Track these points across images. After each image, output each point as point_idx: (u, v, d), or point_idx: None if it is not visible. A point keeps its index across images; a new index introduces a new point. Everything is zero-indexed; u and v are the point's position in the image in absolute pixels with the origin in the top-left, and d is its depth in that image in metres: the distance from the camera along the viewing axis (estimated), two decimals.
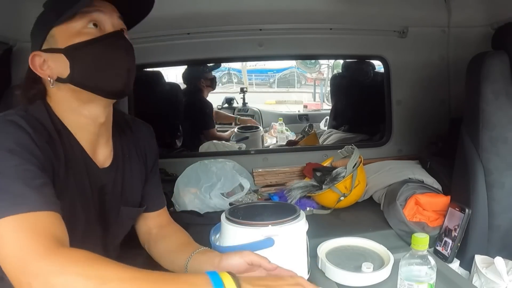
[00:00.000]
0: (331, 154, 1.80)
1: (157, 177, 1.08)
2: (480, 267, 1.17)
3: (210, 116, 3.09)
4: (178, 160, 1.90)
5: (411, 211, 1.39)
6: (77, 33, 0.79)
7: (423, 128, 1.88)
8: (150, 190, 1.04)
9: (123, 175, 0.95)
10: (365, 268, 1.03)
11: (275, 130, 3.58)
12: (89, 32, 0.80)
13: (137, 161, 1.00)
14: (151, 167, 1.04)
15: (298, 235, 0.95)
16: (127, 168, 0.96)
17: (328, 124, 3.02)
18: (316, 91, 6.51)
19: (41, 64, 0.82)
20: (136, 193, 1.00)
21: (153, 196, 1.06)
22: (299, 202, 1.57)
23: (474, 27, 1.71)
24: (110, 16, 0.83)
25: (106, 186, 0.91)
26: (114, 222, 0.95)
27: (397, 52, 1.82)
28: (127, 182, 0.96)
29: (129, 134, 1.00)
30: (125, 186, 0.95)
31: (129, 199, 0.97)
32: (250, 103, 4.15)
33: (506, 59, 1.24)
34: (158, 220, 1.07)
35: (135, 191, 0.99)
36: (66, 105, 0.83)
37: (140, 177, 1.01)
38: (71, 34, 0.79)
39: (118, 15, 0.85)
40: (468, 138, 1.29)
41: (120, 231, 1.00)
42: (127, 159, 0.97)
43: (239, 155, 2.06)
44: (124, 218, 0.97)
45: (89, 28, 0.80)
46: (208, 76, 3.04)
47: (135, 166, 0.99)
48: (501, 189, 1.23)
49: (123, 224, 0.99)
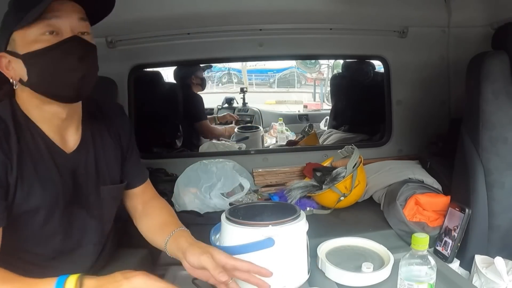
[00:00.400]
0: (331, 154, 1.80)
1: (135, 153, 1.11)
2: (480, 267, 1.17)
3: (200, 109, 3.08)
4: (178, 160, 1.90)
5: (411, 211, 1.39)
6: (34, 41, 0.81)
7: (423, 128, 1.88)
8: (130, 167, 1.08)
9: (96, 156, 0.99)
10: (365, 268, 1.03)
11: (275, 130, 3.58)
12: (45, 40, 0.81)
13: (110, 141, 1.03)
14: (127, 143, 1.08)
15: (298, 235, 0.95)
16: (99, 149, 1.00)
17: (328, 124, 3.02)
18: (316, 91, 6.51)
19: (6, 64, 0.86)
20: (113, 172, 1.03)
21: (134, 172, 1.10)
22: (299, 202, 1.57)
23: (474, 27, 1.71)
24: (68, 19, 0.83)
25: (77, 169, 0.95)
26: (96, 203, 0.98)
27: (397, 52, 1.82)
28: (101, 163, 1.00)
29: (100, 117, 1.03)
30: (99, 166, 0.99)
31: (107, 178, 1.01)
32: (250, 103, 4.14)
33: (506, 59, 1.24)
34: (142, 197, 1.12)
35: (112, 169, 1.03)
36: (29, 103, 0.88)
37: (115, 155, 1.04)
38: (28, 41, 0.81)
39: (79, 16, 0.85)
40: (468, 138, 1.29)
41: (105, 212, 1.02)
42: (98, 141, 1.00)
43: (239, 155, 2.06)
44: (106, 197, 1.00)
45: (46, 35, 0.81)
46: (199, 74, 3.07)
47: (109, 146, 1.02)
48: (501, 189, 1.23)
49: (107, 204, 1.02)
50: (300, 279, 0.96)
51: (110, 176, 1.02)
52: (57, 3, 0.81)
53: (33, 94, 0.86)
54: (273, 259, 0.91)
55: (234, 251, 0.92)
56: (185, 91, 2.92)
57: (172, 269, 1.14)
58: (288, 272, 0.94)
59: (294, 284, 0.95)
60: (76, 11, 0.85)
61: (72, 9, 0.84)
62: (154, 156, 2.01)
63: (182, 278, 1.10)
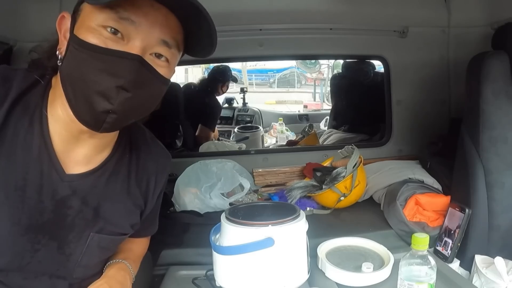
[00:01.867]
0: (331, 154, 1.80)
1: (158, 207, 0.95)
2: (480, 267, 1.17)
3: (215, 118, 3.15)
4: (178, 160, 1.90)
5: (411, 211, 1.38)
6: (91, 28, 0.63)
7: (423, 128, 1.88)
8: (146, 221, 0.91)
9: (105, 195, 0.78)
10: (365, 268, 1.03)
11: (275, 130, 3.58)
12: (102, 35, 0.63)
13: (135, 189, 0.83)
14: (152, 201, 0.89)
15: (298, 235, 0.95)
16: (114, 190, 0.79)
17: (328, 124, 3.03)
18: (316, 91, 6.52)
19: (67, 30, 0.67)
20: (118, 223, 0.82)
21: (146, 225, 0.94)
22: (299, 202, 1.57)
23: (474, 27, 1.71)
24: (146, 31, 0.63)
25: (70, 199, 0.74)
26: (75, 245, 0.77)
27: (397, 52, 1.82)
28: (108, 207, 0.79)
29: (141, 157, 0.84)
30: (103, 210, 0.78)
31: (104, 227, 0.79)
32: (250, 103, 4.15)
33: (506, 59, 1.24)
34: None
35: (118, 220, 0.82)
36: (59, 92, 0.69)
37: (130, 208, 0.84)
38: (86, 25, 0.63)
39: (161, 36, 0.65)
40: (468, 138, 1.29)
41: (85, 260, 0.79)
42: (120, 180, 0.80)
43: (239, 155, 2.06)
44: (92, 245, 0.78)
45: (106, 31, 0.63)
46: (228, 84, 3.21)
47: (130, 194, 0.82)
48: (501, 189, 1.23)
49: (90, 252, 0.79)
50: (300, 279, 0.96)
51: (110, 226, 0.80)
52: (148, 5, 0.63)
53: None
54: (273, 259, 0.91)
55: (234, 251, 0.92)
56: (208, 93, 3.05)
57: (172, 269, 1.15)
58: (288, 272, 0.94)
59: (294, 284, 0.95)
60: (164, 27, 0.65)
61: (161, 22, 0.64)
62: None
63: (182, 278, 1.11)
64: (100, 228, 0.79)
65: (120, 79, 0.62)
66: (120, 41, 0.63)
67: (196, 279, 1.07)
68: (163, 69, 0.68)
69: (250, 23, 1.72)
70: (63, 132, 0.71)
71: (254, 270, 0.92)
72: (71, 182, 0.74)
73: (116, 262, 0.87)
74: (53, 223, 0.73)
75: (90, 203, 0.76)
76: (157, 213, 0.97)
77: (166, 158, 0.91)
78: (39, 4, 1.47)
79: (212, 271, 1.01)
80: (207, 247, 1.00)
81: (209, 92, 3.06)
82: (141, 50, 0.64)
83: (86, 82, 0.63)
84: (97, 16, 0.62)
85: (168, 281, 1.09)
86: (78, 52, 0.63)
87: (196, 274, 1.09)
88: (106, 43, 0.62)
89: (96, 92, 0.63)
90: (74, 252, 0.77)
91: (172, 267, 1.16)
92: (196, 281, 1.07)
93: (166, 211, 1.53)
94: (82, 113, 0.66)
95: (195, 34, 0.69)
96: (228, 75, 3.15)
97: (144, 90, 0.66)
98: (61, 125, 0.70)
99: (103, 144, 0.76)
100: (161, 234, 1.25)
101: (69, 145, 0.72)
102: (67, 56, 0.65)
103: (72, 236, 0.76)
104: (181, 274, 1.12)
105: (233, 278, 0.95)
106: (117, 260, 0.87)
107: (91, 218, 0.77)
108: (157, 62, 0.67)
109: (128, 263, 0.88)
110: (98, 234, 0.79)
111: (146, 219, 0.91)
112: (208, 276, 1.05)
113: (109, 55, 0.62)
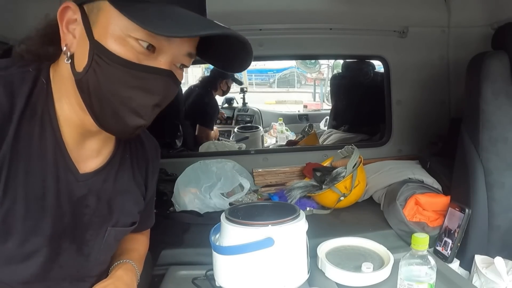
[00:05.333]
0: (331, 154, 1.80)
1: (154, 197, 0.96)
2: (480, 267, 1.17)
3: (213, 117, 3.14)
4: (178, 160, 1.90)
5: (411, 211, 1.38)
6: (121, 38, 0.58)
7: (423, 128, 1.88)
8: (146, 211, 0.92)
9: (117, 189, 0.78)
10: (365, 268, 1.03)
11: (275, 130, 3.58)
12: (134, 49, 0.59)
13: (139, 180, 0.85)
14: (151, 190, 0.91)
15: (298, 235, 0.95)
16: (123, 182, 0.80)
17: (328, 124, 3.03)
18: (316, 91, 6.52)
19: (70, 21, 0.63)
20: (129, 214, 0.83)
21: (145, 216, 0.94)
22: (299, 202, 1.57)
23: (474, 27, 1.71)
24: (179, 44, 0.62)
25: (87, 197, 0.73)
26: (93, 242, 0.77)
27: (397, 52, 1.82)
28: (120, 199, 0.79)
29: (139, 149, 0.85)
30: (116, 202, 0.79)
31: (119, 219, 0.80)
32: (250, 103, 4.15)
33: (506, 59, 1.24)
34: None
35: (129, 211, 0.83)
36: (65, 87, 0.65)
37: (137, 198, 0.85)
38: (113, 31, 0.58)
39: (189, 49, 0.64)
40: (468, 138, 1.29)
41: (102, 254, 0.81)
42: (126, 173, 0.81)
43: (239, 155, 2.06)
44: (109, 239, 0.80)
45: (139, 44, 0.59)
46: (229, 82, 3.16)
47: (135, 185, 0.83)
48: (501, 189, 1.23)
49: (107, 246, 0.81)
50: (300, 279, 0.96)
51: (123, 217, 0.81)
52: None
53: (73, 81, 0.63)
54: (273, 259, 0.91)
55: (234, 251, 0.92)
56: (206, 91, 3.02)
57: (172, 269, 1.15)
58: (288, 272, 0.94)
59: (294, 284, 0.95)
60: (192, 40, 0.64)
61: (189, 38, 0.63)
62: None
63: (182, 278, 1.10)
64: (116, 221, 0.79)
65: (155, 97, 0.62)
66: (151, 54, 0.60)
67: (196, 279, 1.07)
68: (180, 75, 0.67)
69: (250, 23, 1.72)
70: (72, 132, 0.69)
71: (254, 270, 0.92)
72: (86, 180, 0.73)
73: (123, 262, 0.86)
74: (72, 226, 0.73)
75: (104, 198, 0.76)
76: (153, 205, 0.98)
77: (156, 145, 0.92)
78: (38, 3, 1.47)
79: (212, 271, 1.01)
80: (207, 247, 1.00)
81: (207, 91, 3.04)
82: (170, 64, 0.63)
83: (117, 97, 0.61)
84: (126, 23, 0.57)
85: (168, 281, 1.09)
86: (109, 66, 0.59)
87: (196, 274, 1.09)
88: (139, 58, 0.60)
89: (129, 108, 0.62)
90: (93, 250, 0.77)
91: (172, 267, 1.16)
92: (196, 281, 1.07)
93: (166, 211, 1.53)
94: (109, 125, 0.65)
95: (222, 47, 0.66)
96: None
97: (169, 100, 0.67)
98: (70, 125, 0.68)
99: (110, 136, 0.74)
100: (161, 234, 1.26)
101: (79, 143, 0.71)
102: (93, 67, 0.60)
103: (90, 234, 0.76)
104: (181, 274, 1.12)
105: (233, 278, 0.95)
106: (124, 261, 0.87)
107: (107, 213, 0.77)
108: (179, 72, 0.66)
109: (134, 264, 0.88)
110: (114, 227, 0.79)
111: (144, 212, 0.90)
112: (208, 276, 1.05)
113: (143, 72, 0.60)
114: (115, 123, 0.64)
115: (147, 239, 1.03)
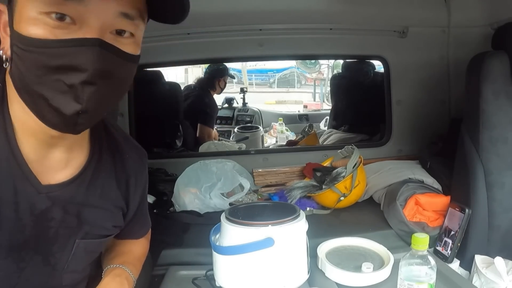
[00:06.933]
0: (331, 154, 1.80)
1: (145, 206, 0.90)
2: (480, 267, 1.17)
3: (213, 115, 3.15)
4: (178, 160, 1.90)
5: (411, 211, 1.38)
6: (31, 19, 0.52)
7: (423, 128, 1.88)
8: (136, 221, 0.87)
9: (88, 201, 0.72)
10: (365, 268, 1.03)
11: (275, 130, 3.58)
12: (46, 24, 0.52)
13: (117, 192, 0.78)
14: (139, 197, 0.84)
15: (298, 235, 0.95)
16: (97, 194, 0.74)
17: (328, 124, 3.02)
18: (316, 91, 6.52)
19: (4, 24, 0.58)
20: (102, 226, 0.78)
21: (138, 226, 0.91)
22: (299, 202, 1.57)
23: (474, 27, 1.71)
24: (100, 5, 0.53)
25: (50, 211, 0.67)
26: (60, 254, 0.72)
27: (397, 52, 1.82)
28: (91, 212, 0.73)
29: (116, 157, 0.78)
30: (86, 216, 0.73)
31: (89, 231, 0.75)
32: (250, 103, 4.15)
33: (506, 59, 1.24)
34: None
35: (102, 223, 0.77)
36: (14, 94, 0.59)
37: (113, 210, 0.79)
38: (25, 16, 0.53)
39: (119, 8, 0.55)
40: (468, 138, 1.29)
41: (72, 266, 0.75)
42: (99, 183, 0.74)
43: (239, 155, 2.06)
44: (78, 251, 0.74)
45: (49, 18, 0.52)
46: (226, 80, 3.18)
47: (112, 196, 0.77)
48: (501, 189, 1.23)
49: (76, 258, 0.75)
50: (300, 279, 0.97)
51: (94, 229, 0.76)
52: None
53: None
54: (273, 259, 0.91)
55: (234, 251, 0.92)
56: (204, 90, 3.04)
57: (172, 269, 1.15)
58: (288, 272, 0.94)
59: (294, 284, 0.96)
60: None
61: None
62: (154, 156, 2.00)
63: (182, 278, 1.11)
64: (85, 234, 0.74)
65: (82, 73, 0.53)
66: (71, 26, 0.53)
67: (196, 279, 1.07)
68: (129, 46, 0.58)
69: (250, 23, 1.72)
70: (31, 139, 0.62)
71: (254, 270, 0.92)
72: (49, 193, 0.67)
73: (113, 267, 0.83)
74: (36, 238, 0.68)
75: (72, 211, 0.71)
76: (147, 212, 0.93)
77: (142, 157, 0.84)
78: None
79: (212, 271, 1.01)
80: (207, 247, 1.00)
81: (206, 91, 3.05)
82: (98, 31, 0.54)
83: (44, 85, 0.54)
84: (36, 1, 0.51)
85: (168, 281, 1.09)
86: (25, 52, 0.53)
87: (196, 274, 1.09)
88: (55, 33, 0.52)
89: (59, 94, 0.54)
90: (60, 261, 0.73)
91: (172, 267, 1.16)
92: (196, 281, 1.07)
93: (166, 211, 1.53)
94: (49, 119, 0.57)
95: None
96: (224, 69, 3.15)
97: (113, 77, 0.56)
98: (28, 131, 0.62)
99: (77, 143, 0.69)
100: (161, 234, 1.26)
101: (41, 151, 0.64)
102: (14, 59, 0.55)
103: (57, 246, 0.71)
104: (181, 274, 1.12)
105: (233, 278, 0.95)
106: (114, 266, 0.83)
107: (75, 226, 0.72)
108: (120, 40, 0.57)
109: (126, 267, 0.84)
110: (84, 240, 0.74)
111: (136, 220, 0.87)
112: (208, 276, 1.05)
113: (62, 47, 0.52)
114: (53, 116, 0.56)
115: (146, 240, 1.00)
